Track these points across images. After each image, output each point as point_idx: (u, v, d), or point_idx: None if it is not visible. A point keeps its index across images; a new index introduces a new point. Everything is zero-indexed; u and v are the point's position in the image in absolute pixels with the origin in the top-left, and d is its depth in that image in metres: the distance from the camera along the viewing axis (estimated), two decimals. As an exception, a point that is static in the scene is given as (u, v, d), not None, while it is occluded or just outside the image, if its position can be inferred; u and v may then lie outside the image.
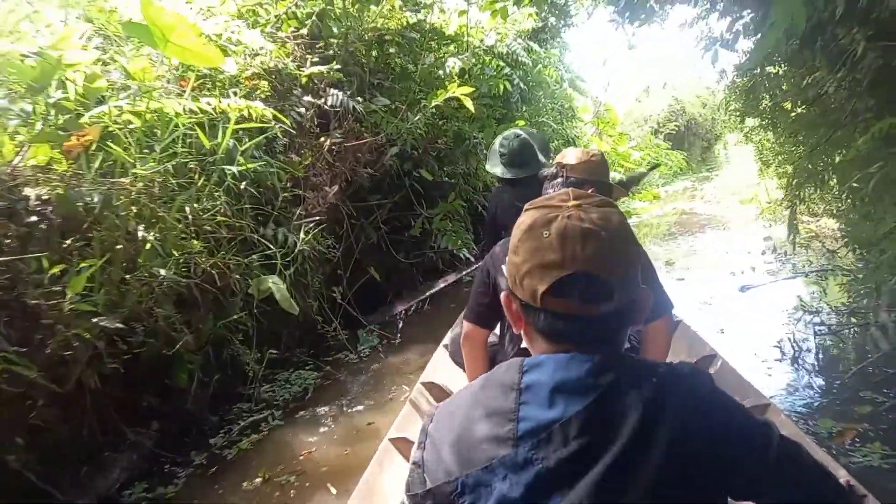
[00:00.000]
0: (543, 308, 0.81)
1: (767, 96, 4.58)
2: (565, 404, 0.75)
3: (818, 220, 6.75)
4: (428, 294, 5.86)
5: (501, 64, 6.61)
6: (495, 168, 3.15)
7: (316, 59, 4.91)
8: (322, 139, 4.81)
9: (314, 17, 5.08)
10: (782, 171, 5.54)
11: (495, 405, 0.79)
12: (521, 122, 6.55)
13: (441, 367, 2.69)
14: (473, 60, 6.47)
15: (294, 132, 4.50)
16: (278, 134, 4.31)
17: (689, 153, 24.58)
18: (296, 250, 3.91)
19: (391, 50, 5.47)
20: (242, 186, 3.71)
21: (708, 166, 26.50)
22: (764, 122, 4.69)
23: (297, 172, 4.36)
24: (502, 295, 0.90)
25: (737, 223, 8.24)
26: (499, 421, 0.77)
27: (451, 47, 6.05)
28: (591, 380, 0.76)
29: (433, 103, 5.25)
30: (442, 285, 6.15)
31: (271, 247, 3.83)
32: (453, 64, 6.26)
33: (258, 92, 4.49)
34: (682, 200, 12.89)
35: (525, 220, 0.86)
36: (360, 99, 4.94)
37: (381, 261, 5.62)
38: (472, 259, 6.71)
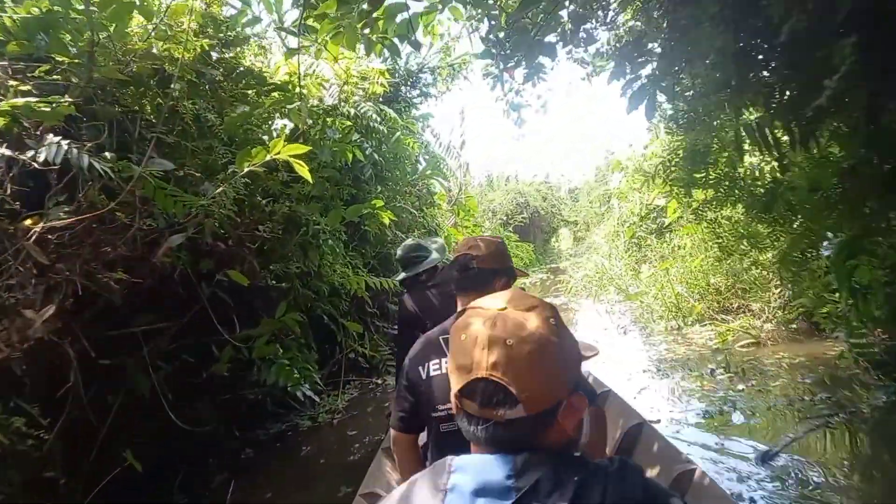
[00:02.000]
0: (462, 408, 0.84)
1: (719, 160, 3.34)
2: None
3: (735, 319, 5.74)
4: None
5: (348, 123, 4.95)
6: (397, 276, 3.36)
7: (27, 88, 2.85)
8: (27, 222, 2.65)
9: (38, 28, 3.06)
10: (752, 260, 4.43)
11: None
12: (379, 203, 4.85)
13: (382, 472, 2.51)
14: (310, 121, 4.75)
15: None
16: None
17: (535, 245, 24.90)
18: None
19: (174, 86, 3.53)
20: None
21: (550, 258, 27.07)
22: (721, 195, 3.41)
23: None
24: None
25: (633, 325, 7.06)
26: None
27: (276, 95, 4.28)
28: (512, 482, 0.76)
29: (245, 168, 3.34)
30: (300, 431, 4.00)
31: None
32: (282, 125, 4.51)
33: None
34: (548, 294, 11.94)
35: (458, 320, 0.90)
36: (107, 156, 2.90)
37: (161, 424, 3.38)
38: (316, 398, 4.67)
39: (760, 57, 3.03)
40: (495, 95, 5.02)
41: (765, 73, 3.05)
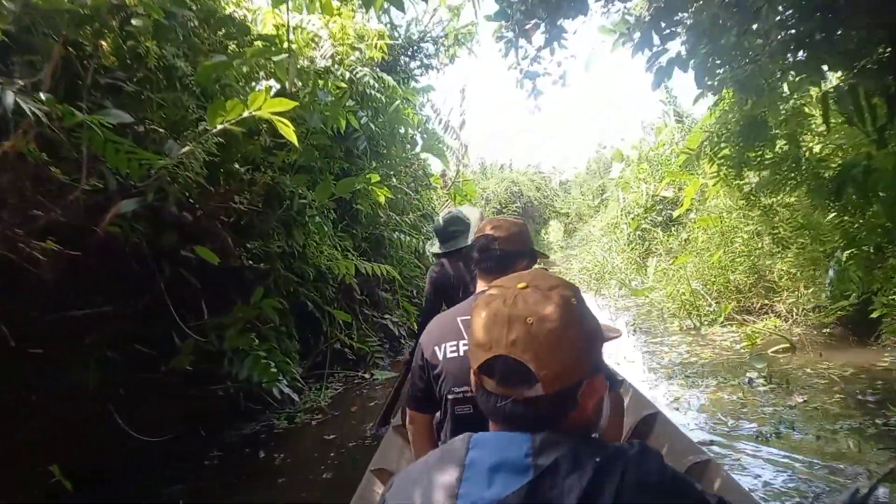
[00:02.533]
0: (481, 386, 0.83)
1: (780, 136, 2.83)
2: (503, 484, 0.74)
3: (758, 320, 5.26)
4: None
5: (344, 86, 4.39)
6: (433, 246, 3.19)
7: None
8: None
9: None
10: (810, 251, 3.91)
11: (441, 480, 0.79)
12: (375, 178, 4.30)
13: (392, 450, 2.51)
14: (299, 83, 4.19)
15: None
16: None
17: (527, 236, 24.37)
18: None
19: (136, 22, 2.95)
20: None
21: (540, 250, 26.55)
22: (780, 177, 2.90)
23: None
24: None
25: (642, 323, 6.53)
26: (442, 496, 0.77)
27: (260, 44, 3.69)
28: (530, 460, 0.75)
29: (218, 124, 2.80)
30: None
31: None
32: (266, 85, 3.98)
33: None
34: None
35: (479, 299, 0.89)
36: (42, 97, 2.33)
37: (108, 427, 2.84)
38: (295, 396, 4.16)
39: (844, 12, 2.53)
40: (508, 63, 4.47)
41: (846, 29, 2.55)
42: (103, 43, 3.06)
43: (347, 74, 4.72)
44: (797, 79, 2.48)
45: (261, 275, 3.76)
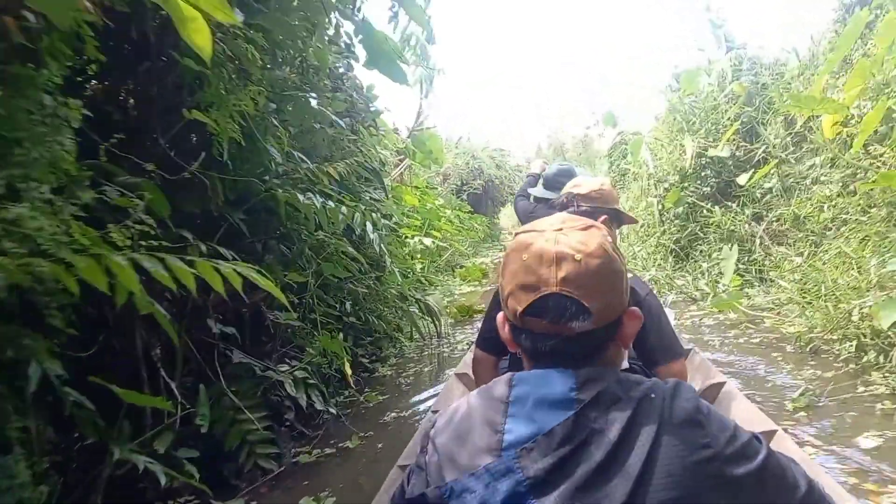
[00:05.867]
0: (524, 328, 0.84)
1: None
2: (548, 417, 0.76)
3: None
4: None
5: None
6: (535, 189, 3.55)
7: None
8: None
9: None
10: None
11: (486, 417, 0.81)
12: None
13: (453, 396, 2.63)
14: None
15: None
16: None
17: (487, 219, 21.63)
18: None
19: None
20: None
21: (495, 235, 23.57)
22: None
23: None
24: (498, 316, 0.92)
25: (779, 371, 3.30)
26: (488, 432, 0.79)
27: None
28: (574, 394, 0.77)
29: None
30: None
31: None
32: None
33: None
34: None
35: (510, 244, 0.91)
36: None
37: None
38: None
39: None
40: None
41: None
42: None
43: None
44: None
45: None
